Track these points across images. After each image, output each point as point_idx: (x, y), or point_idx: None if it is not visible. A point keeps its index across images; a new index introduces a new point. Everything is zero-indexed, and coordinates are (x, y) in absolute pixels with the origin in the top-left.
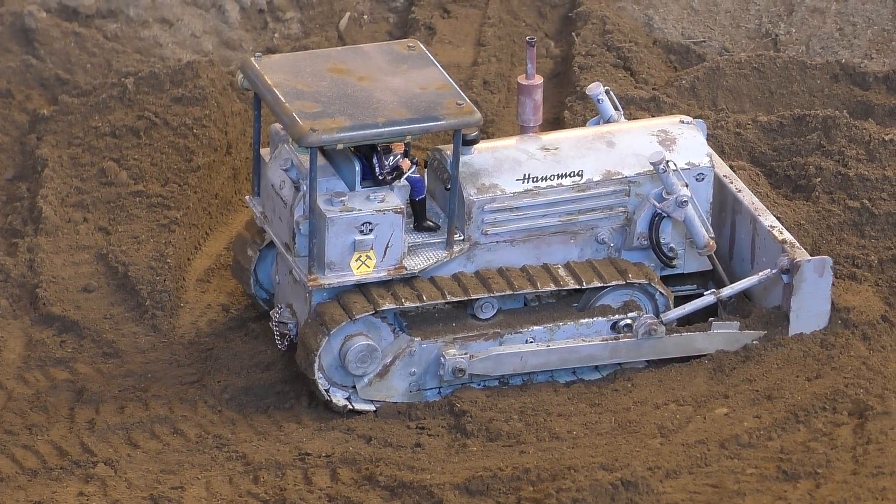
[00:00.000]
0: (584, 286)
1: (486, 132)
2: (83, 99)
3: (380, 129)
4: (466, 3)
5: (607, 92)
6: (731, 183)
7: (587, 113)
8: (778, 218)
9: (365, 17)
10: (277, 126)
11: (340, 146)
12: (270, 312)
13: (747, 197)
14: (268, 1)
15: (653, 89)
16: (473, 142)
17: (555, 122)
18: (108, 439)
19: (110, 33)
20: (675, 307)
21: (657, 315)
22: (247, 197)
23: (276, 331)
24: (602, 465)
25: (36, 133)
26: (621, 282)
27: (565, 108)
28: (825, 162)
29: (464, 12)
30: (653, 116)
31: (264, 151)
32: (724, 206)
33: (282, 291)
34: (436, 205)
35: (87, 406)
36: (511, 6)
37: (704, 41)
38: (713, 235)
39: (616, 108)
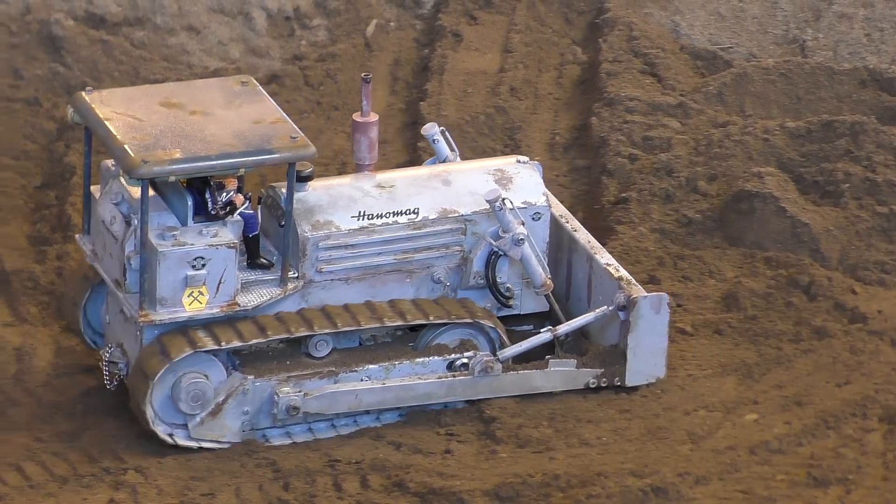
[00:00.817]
0: (423, 321)
1: (514, 139)
2: None
3: (213, 162)
4: (493, 9)
5: (443, 132)
6: (567, 223)
7: (614, 119)
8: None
9: (391, 24)
10: (108, 162)
11: (172, 178)
12: (100, 352)
13: (583, 236)
14: (294, 8)
15: (680, 95)
16: (308, 178)
17: (582, 128)
18: (138, 446)
19: (137, 41)
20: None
21: (493, 353)
22: (76, 236)
23: (106, 370)
24: (632, 471)
25: (64, 141)
26: (465, 319)
27: (592, 114)
28: (853, 168)
29: (490, 19)
30: (681, 123)
31: (94, 188)
32: (560, 246)
33: (112, 331)
34: (269, 243)
35: (117, 413)
36: (538, 13)
37: (731, 47)
38: (550, 275)
39: (452, 149)
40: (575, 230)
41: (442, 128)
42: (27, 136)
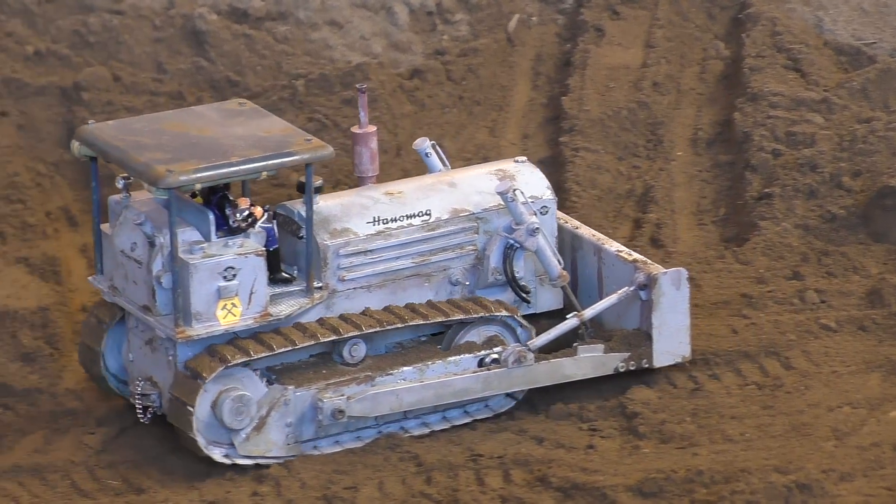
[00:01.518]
0: (450, 320)
1: (656, 134)
2: (254, 101)
3: (236, 168)
4: (635, 4)
5: (434, 146)
6: (567, 223)
7: (757, 114)
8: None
9: (534, 18)
10: (116, 197)
11: (198, 186)
12: (130, 388)
13: (586, 231)
14: (437, 3)
15: (824, 91)
16: (318, 190)
17: (725, 123)
18: None
19: (280, 35)
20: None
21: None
22: (89, 277)
23: (139, 404)
24: (776, 467)
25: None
26: (485, 314)
27: (735, 110)
28: None
29: (633, 13)
30: (824, 118)
31: (104, 226)
32: (561, 247)
33: (138, 366)
34: (284, 263)
35: None
36: (680, 8)
37: (875, 42)
38: (564, 266)
39: (444, 164)
40: (576, 227)
41: (433, 142)
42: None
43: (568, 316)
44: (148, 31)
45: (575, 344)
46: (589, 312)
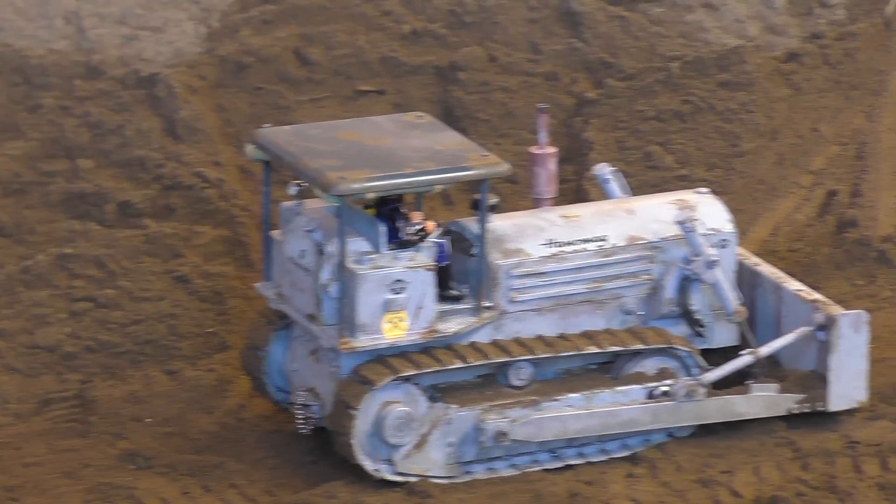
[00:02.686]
0: (620, 348)
1: None
2: (628, 83)
3: (410, 178)
4: None
5: (615, 172)
6: (747, 259)
7: None
8: None
9: None
10: (288, 203)
11: (371, 195)
12: (292, 398)
13: (766, 269)
14: None
15: None
16: (493, 209)
17: None
18: None
19: (655, 17)
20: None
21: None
22: (256, 285)
23: (300, 415)
24: None
25: (582, 116)
26: (665, 346)
27: None
28: None
29: None
30: None
31: (275, 232)
32: (741, 283)
33: (300, 376)
34: (454, 280)
35: None
36: None
37: None
38: (743, 302)
39: (626, 191)
40: (756, 265)
41: (614, 168)
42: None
43: (742, 353)
44: (523, 12)
45: (748, 382)
46: (764, 350)
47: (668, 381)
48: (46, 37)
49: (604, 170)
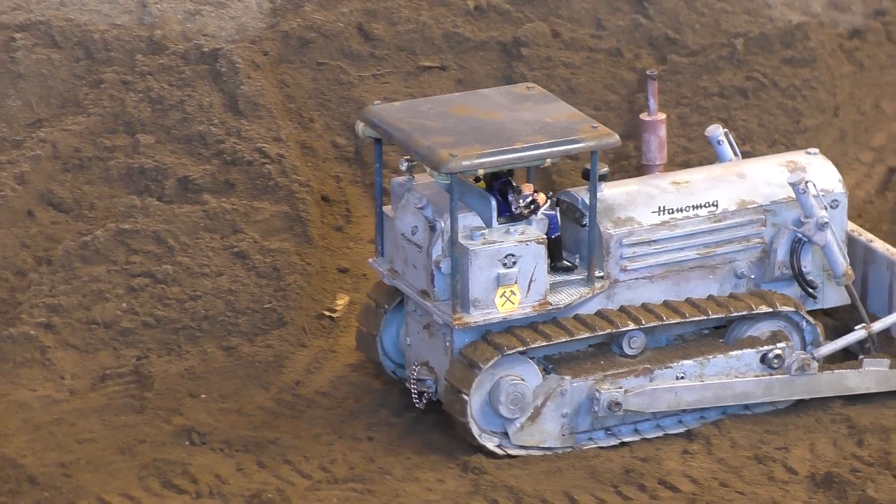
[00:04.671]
0: (733, 314)
1: None
2: (692, 59)
3: (520, 154)
4: None
5: (727, 134)
6: (860, 235)
7: None
8: None
9: None
10: (399, 179)
11: (482, 172)
12: (407, 372)
13: (880, 245)
14: None
15: None
16: (603, 178)
17: None
18: None
19: None
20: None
21: (802, 341)
22: (369, 260)
23: (415, 389)
24: None
25: (644, 93)
26: (771, 309)
27: None
28: None
29: None
30: None
31: (386, 208)
32: (854, 260)
33: (415, 351)
34: (565, 251)
35: None
36: None
37: None
38: (850, 264)
39: (735, 154)
40: (870, 241)
41: (725, 130)
42: (608, 87)
43: (856, 327)
44: None
45: (861, 357)
46: (877, 325)
47: (780, 345)
48: (109, 12)
49: (716, 131)
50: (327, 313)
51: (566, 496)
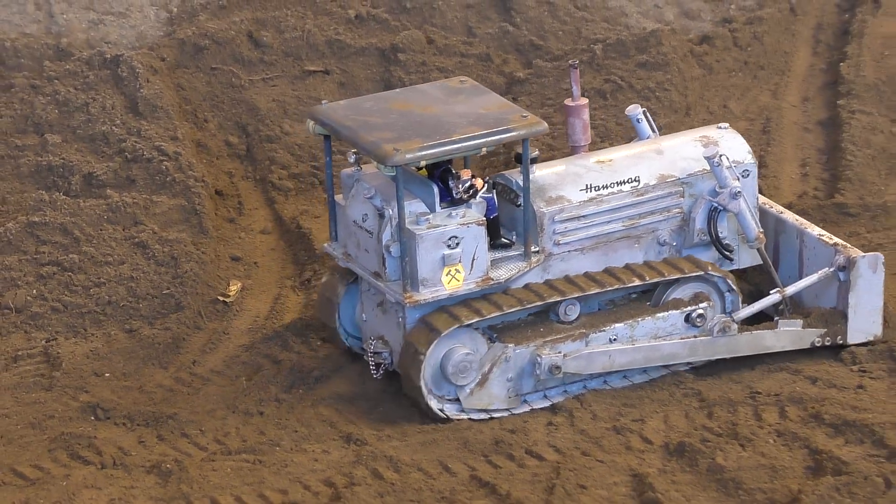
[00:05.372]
0: (659, 279)
1: None
2: (555, 63)
3: (458, 145)
4: None
5: (645, 113)
6: (772, 207)
7: None
8: None
9: None
10: (348, 171)
11: (423, 163)
12: (363, 346)
13: (790, 216)
14: None
15: None
16: (533, 161)
17: None
18: None
19: (580, 3)
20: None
21: (722, 303)
22: (325, 245)
23: (372, 361)
24: None
25: (512, 94)
26: (699, 273)
27: None
28: None
29: None
30: None
31: (338, 197)
32: (766, 230)
33: (370, 326)
34: (503, 228)
35: None
36: None
37: None
38: (762, 229)
39: (653, 130)
40: (781, 212)
41: (644, 109)
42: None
43: (771, 292)
44: None
45: (776, 318)
46: (790, 290)
47: (702, 304)
48: (19, 21)
49: (636, 110)
50: (221, 298)
51: (441, 465)
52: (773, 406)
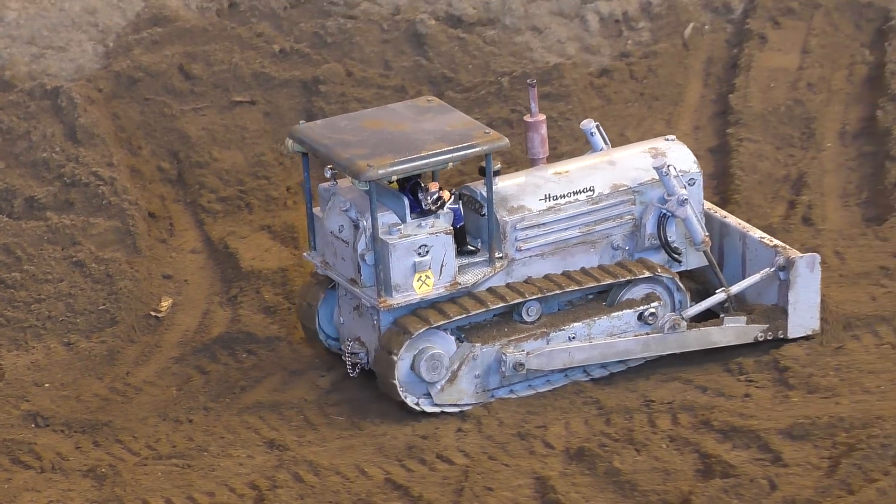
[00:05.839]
0: (619, 280)
1: (809, 128)
2: (465, 94)
3: (427, 160)
4: (794, 16)
5: (598, 127)
6: (716, 212)
7: None
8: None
9: (706, 27)
10: (325, 185)
11: (395, 178)
12: (341, 346)
13: (733, 220)
14: (623, 12)
15: None
16: (496, 174)
17: (869, 119)
18: None
19: (489, 39)
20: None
21: (672, 302)
22: (304, 253)
23: (349, 361)
24: None
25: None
26: (650, 275)
27: (878, 108)
28: None
29: (792, 24)
30: None
31: (316, 209)
32: (712, 233)
33: (347, 328)
34: (468, 236)
35: None
36: (833, 19)
37: None
38: (707, 233)
39: (605, 143)
40: (725, 217)
41: (597, 123)
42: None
43: (717, 291)
44: (377, 34)
45: (721, 315)
46: (735, 289)
47: (654, 304)
48: None
49: (589, 125)
50: (153, 313)
51: (358, 469)
52: (666, 413)
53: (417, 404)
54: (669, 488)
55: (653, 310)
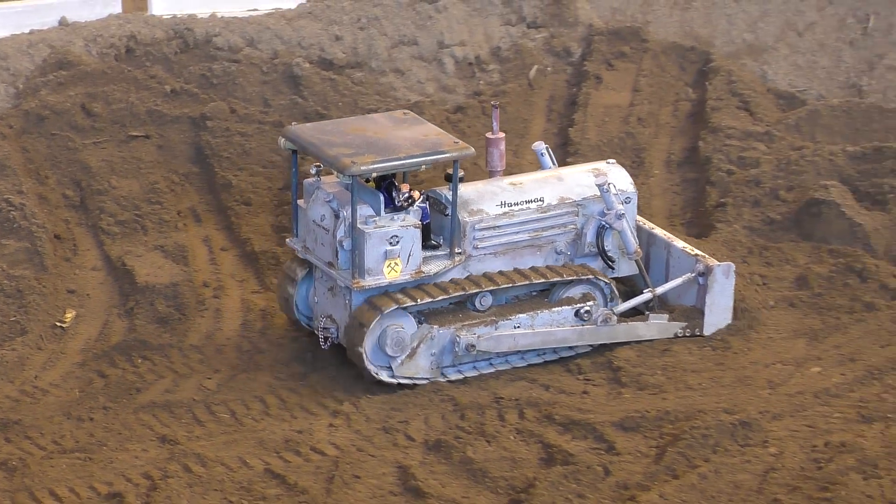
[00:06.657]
0: (564, 279)
1: (640, 157)
2: None
3: (403, 161)
4: (626, 59)
5: (547, 149)
6: (645, 224)
7: (716, 143)
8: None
9: (549, 69)
10: (310, 180)
11: (374, 175)
12: (315, 322)
13: (660, 231)
14: (476, 56)
15: (766, 126)
16: (461, 180)
17: (692, 149)
18: (352, 387)
19: (357, 80)
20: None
21: (606, 303)
22: (287, 239)
23: (321, 335)
24: (725, 409)
25: (302, 156)
26: (589, 276)
27: (700, 139)
28: None
29: (624, 66)
30: (767, 146)
31: (300, 202)
32: (640, 241)
33: (321, 307)
34: (432, 233)
35: (338, 363)
36: (660, 62)
37: (806, 90)
38: (639, 244)
39: (553, 163)
40: (652, 228)
41: (546, 145)
42: (273, 151)
43: (644, 291)
44: (257, 75)
45: (647, 313)
46: (660, 290)
47: (589, 303)
48: None
49: (540, 146)
50: (59, 324)
51: (240, 460)
52: (514, 409)
53: (377, 374)
54: (516, 475)
55: (588, 308)
